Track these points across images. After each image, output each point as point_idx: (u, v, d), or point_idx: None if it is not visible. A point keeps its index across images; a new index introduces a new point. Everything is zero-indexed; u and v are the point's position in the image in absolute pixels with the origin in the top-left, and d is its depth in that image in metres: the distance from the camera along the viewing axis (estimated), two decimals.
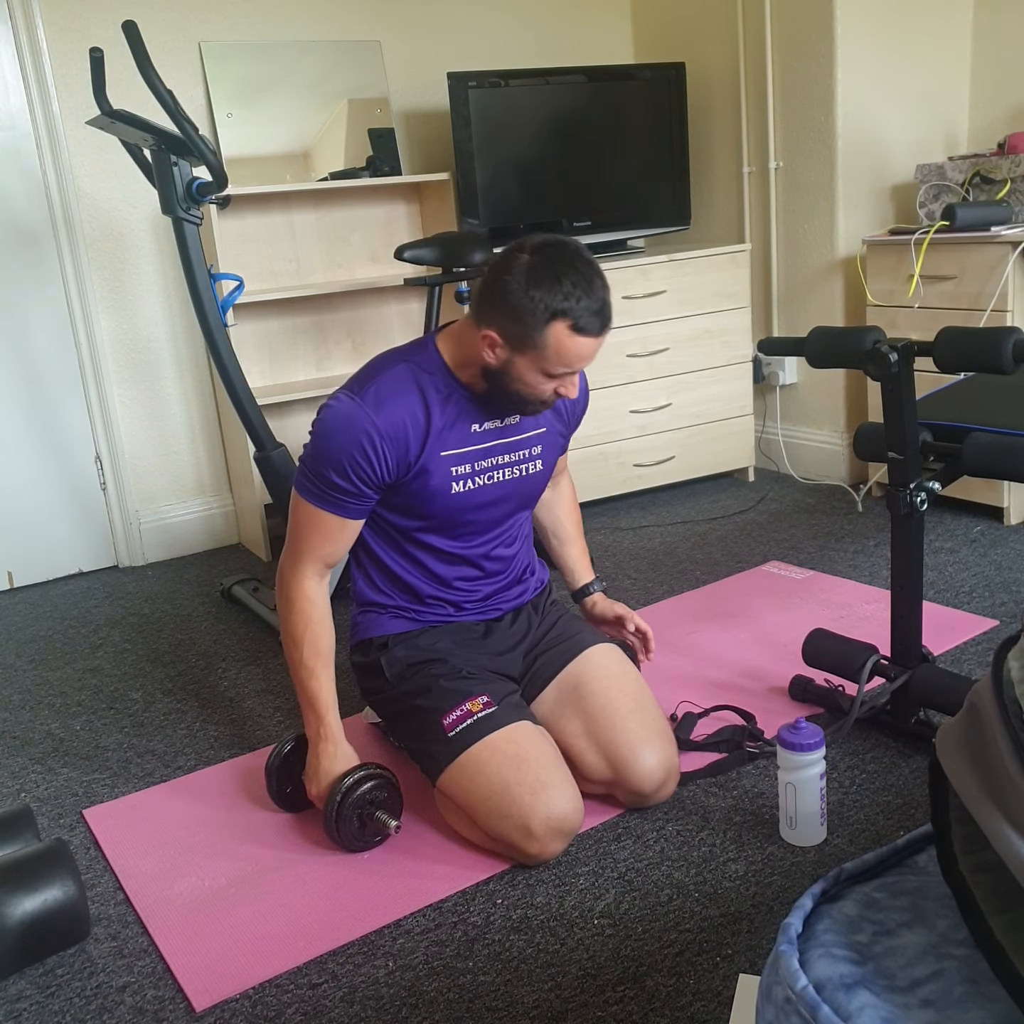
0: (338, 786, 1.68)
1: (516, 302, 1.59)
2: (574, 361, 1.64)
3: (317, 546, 1.75)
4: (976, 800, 0.81)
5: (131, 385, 3.26)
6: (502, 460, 1.82)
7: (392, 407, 1.69)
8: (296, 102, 3.29)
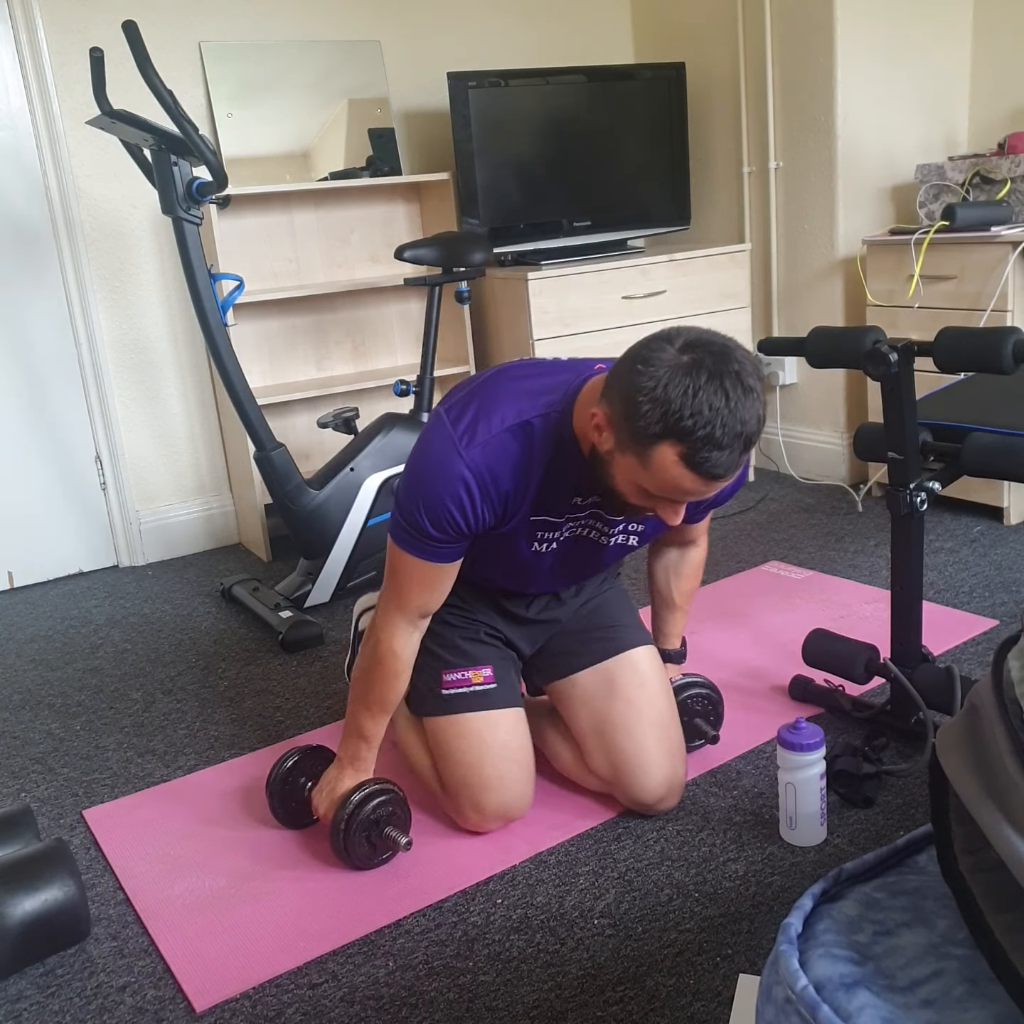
0: (345, 804, 1.63)
1: (636, 399, 1.30)
2: (676, 493, 1.37)
3: (415, 594, 1.60)
4: (976, 800, 0.81)
5: (131, 385, 3.26)
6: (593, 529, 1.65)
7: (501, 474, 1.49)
8: (296, 102, 3.29)
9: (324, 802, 1.70)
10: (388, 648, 1.63)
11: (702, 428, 1.28)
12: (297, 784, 1.77)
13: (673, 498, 1.39)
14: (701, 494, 1.37)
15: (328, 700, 2.29)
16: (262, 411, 2.72)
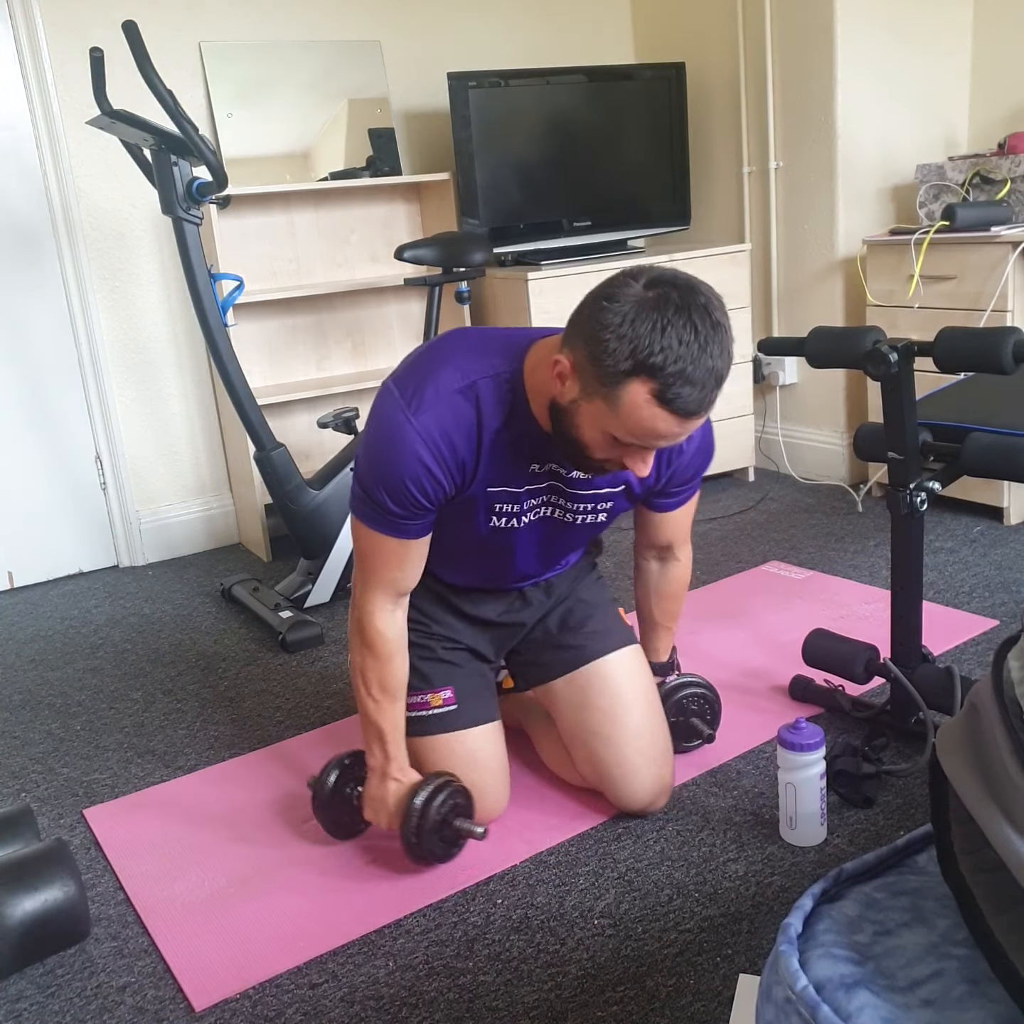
0: (409, 814, 1.58)
1: (602, 336, 1.27)
2: (646, 436, 1.31)
3: (383, 571, 1.56)
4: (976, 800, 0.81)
5: (131, 385, 3.26)
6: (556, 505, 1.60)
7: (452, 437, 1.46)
8: (296, 102, 3.29)
9: (382, 816, 1.64)
10: (374, 630, 1.59)
11: (672, 363, 1.24)
12: (343, 795, 1.70)
13: (643, 443, 1.33)
14: (674, 436, 1.32)
15: (328, 700, 2.29)
16: (262, 411, 2.72)
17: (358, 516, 1.54)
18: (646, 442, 1.33)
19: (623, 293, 1.27)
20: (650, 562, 1.86)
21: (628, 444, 1.35)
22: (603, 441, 1.36)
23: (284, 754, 2.08)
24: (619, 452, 1.38)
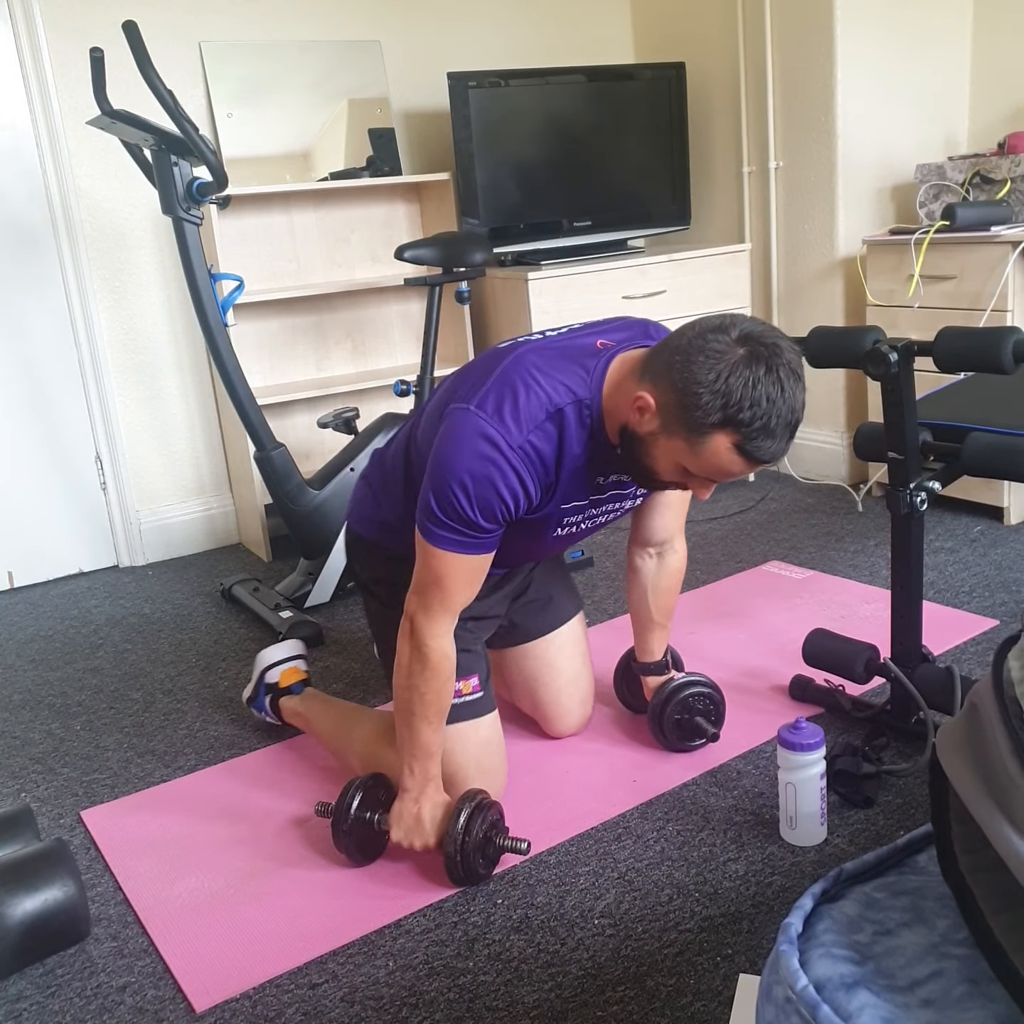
0: (453, 838, 1.57)
1: (694, 390, 1.37)
2: (720, 475, 1.45)
3: (461, 593, 1.60)
4: (976, 800, 0.81)
5: (131, 385, 3.26)
6: (610, 507, 1.74)
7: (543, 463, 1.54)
8: (296, 102, 3.29)
9: (415, 838, 1.63)
10: (441, 654, 1.61)
11: (759, 419, 1.36)
12: (364, 819, 1.66)
13: (714, 479, 1.47)
14: (743, 475, 1.46)
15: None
16: (262, 411, 2.72)
17: (434, 543, 1.56)
18: (716, 479, 1.47)
19: (717, 350, 1.37)
20: (646, 560, 1.94)
21: (698, 476, 1.48)
22: (675, 471, 1.49)
23: (284, 754, 2.08)
24: (687, 480, 1.51)
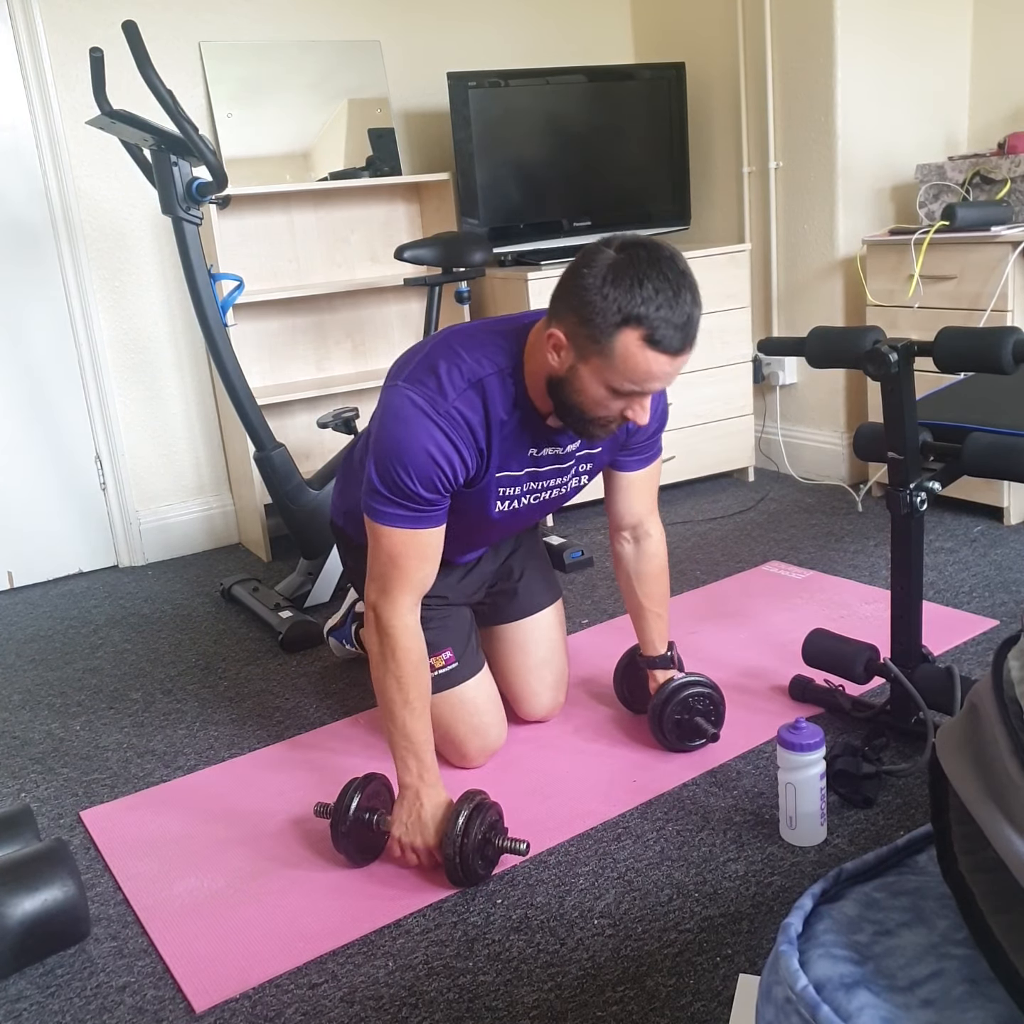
0: (452, 840, 1.56)
1: (588, 299, 1.44)
2: (643, 379, 1.48)
3: (415, 570, 1.64)
4: (976, 800, 0.81)
5: (131, 385, 3.26)
6: (551, 483, 1.77)
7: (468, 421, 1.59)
8: (296, 102, 3.29)
9: (418, 836, 1.62)
10: (408, 637, 1.65)
11: (656, 308, 1.43)
12: (363, 820, 1.66)
13: (640, 388, 1.50)
14: (666, 376, 1.48)
15: (328, 700, 2.29)
16: (262, 411, 2.72)
17: (384, 521, 1.62)
18: (643, 386, 1.50)
19: (598, 260, 1.46)
20: (624, 546, 1.98)
21: (627, 393, 1.51)
22: (604, 396, 1.52)
23: (284, 754, 2.08)
24: (619, 405, 1.54)
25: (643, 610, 1.99)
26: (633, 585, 1.98)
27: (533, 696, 2.06)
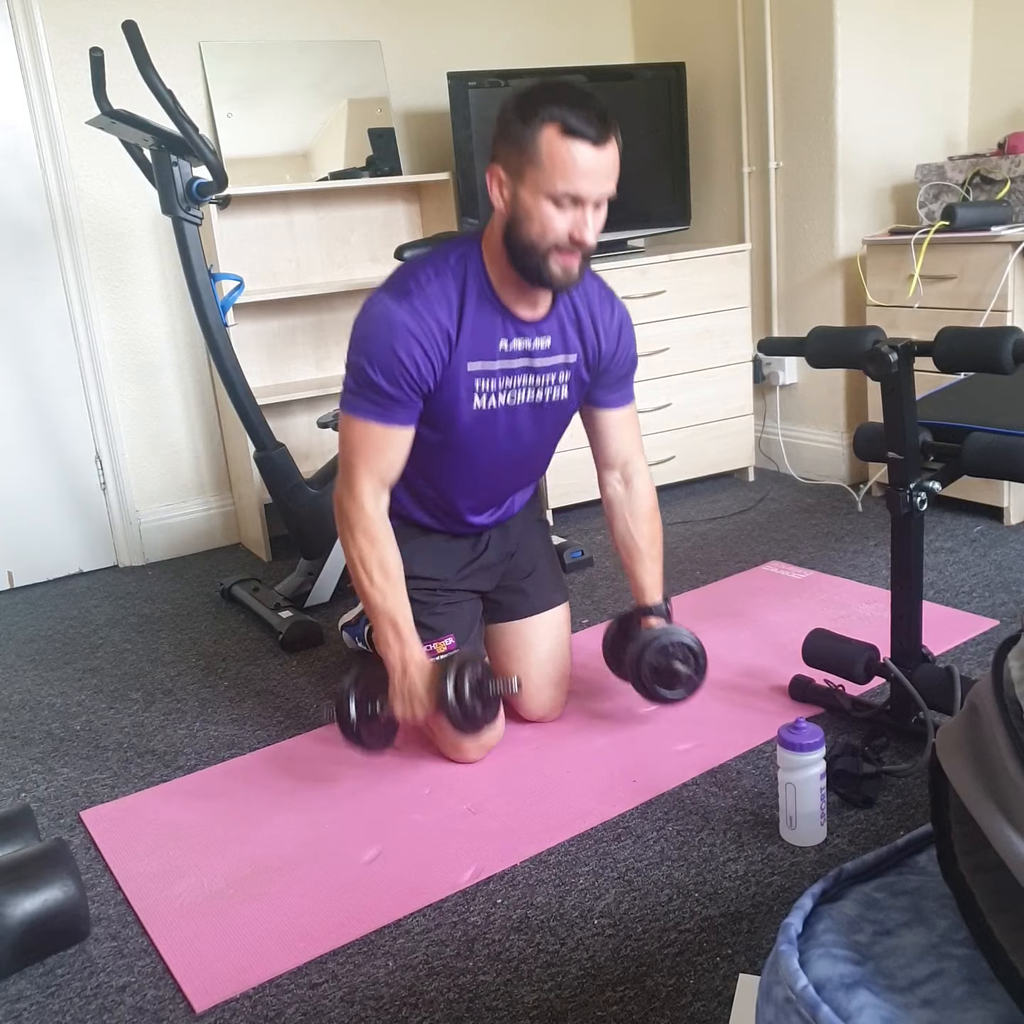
0: (443, 689, 1.69)
1: (508, 121, 1.63)
2: (571, 172, 1.60)
3: (371, 458, 1.75)
4: (976, 800, 0.81)
5: (131, 385, 3.26)
6: (526, 381, 1.83)
7: (431, 306, 1.70)
8: (296, 102, 3.29)
9: (416, 705, 1.75)
10: (364, 516, 1.76)
11: (567, 105, 1.59)
12: (367, 713, 1.77)
13: (574, 187, 1.61)
14: (595, 171, 1.61)
15: (328, 700, 2.29)
16: (262, 411, 2.72)
17: (350, 411, 1.75)
18: (575, 184, 1.61)
19: (511, 96, 1.64)
20: (616, 488, 2.04)
21: (562, 196, 1.62)
22: (547, 213, 1.63)
23: (284, 754, 2.08)
24: (563, 224, 1.65)
25: (639, 553, 2.02)
26: (629, 526, 2.02)
27: (535, 693, 2.06)
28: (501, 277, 1.75)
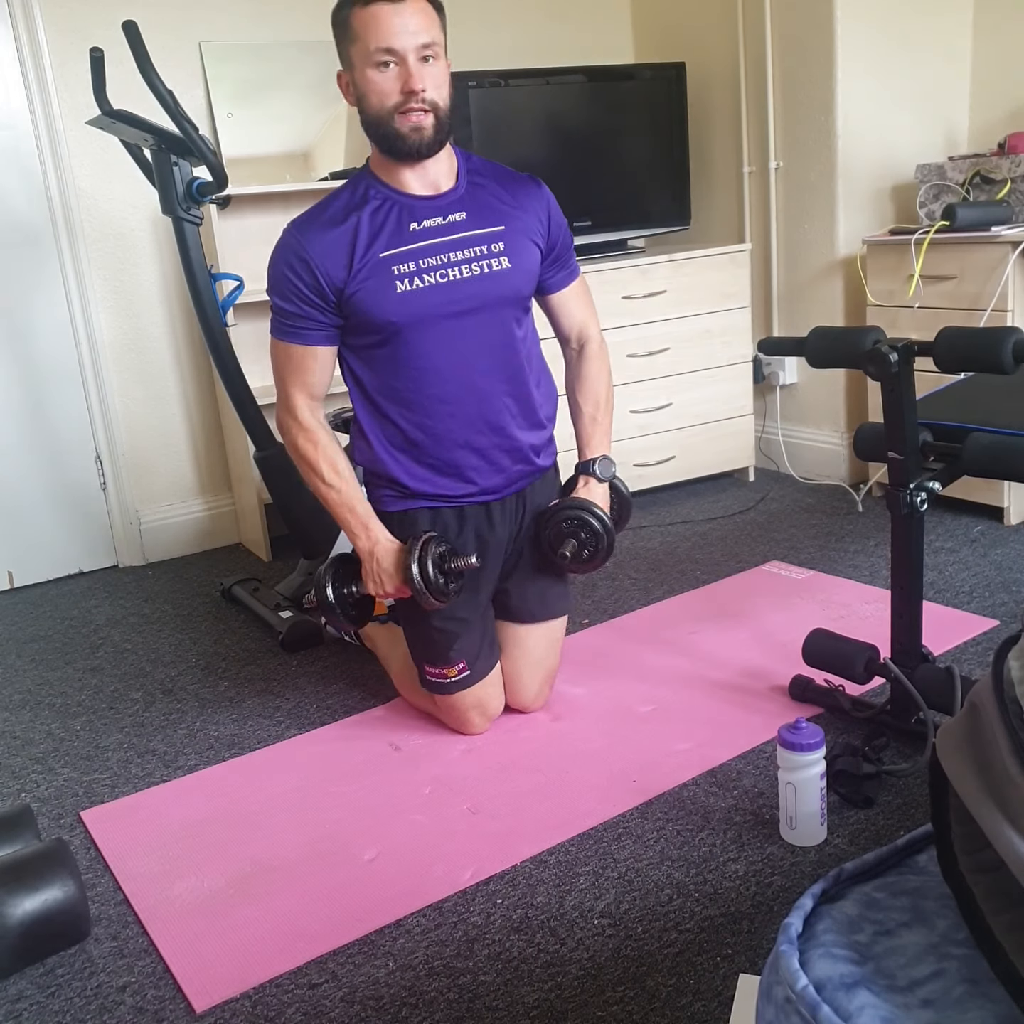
0: (408, 566, 1.82)
1: (333, 25, 1.80)
2: (377, 31, 1.72)
3: (295, 376, 1.89)
4: (976, 800, 0.81)
5: (131, 385, 3.26)
6: (454, 257, 1.86)
7: (317, 224, 1.83)
8: (296, 102, 3.29)
9: (387, 582, 1.88)
10: (302, 425, 1.90)
11: None
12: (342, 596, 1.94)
13: (387, 43, 1.72)
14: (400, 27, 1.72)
15: (328, 700, 2.29)
16: (262, 411, 2.72)
17: (272, 334, 1.89)
18: (388, 41, 1.72)
19: None
20: (571, 355, 2.12)
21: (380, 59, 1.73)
22: (378, 80, 1.76)
23: (284, 754, 2.08)
24: (395, 83, 1.75)
25: (579, 412, 2.09)
26: (572, 389, 2.11)
27: (523, 688, 2.12)
28: (383, 168, 1.86)
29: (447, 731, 2.09)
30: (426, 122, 1.79)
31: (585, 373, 2.10)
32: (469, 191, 1.90)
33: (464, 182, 1.91)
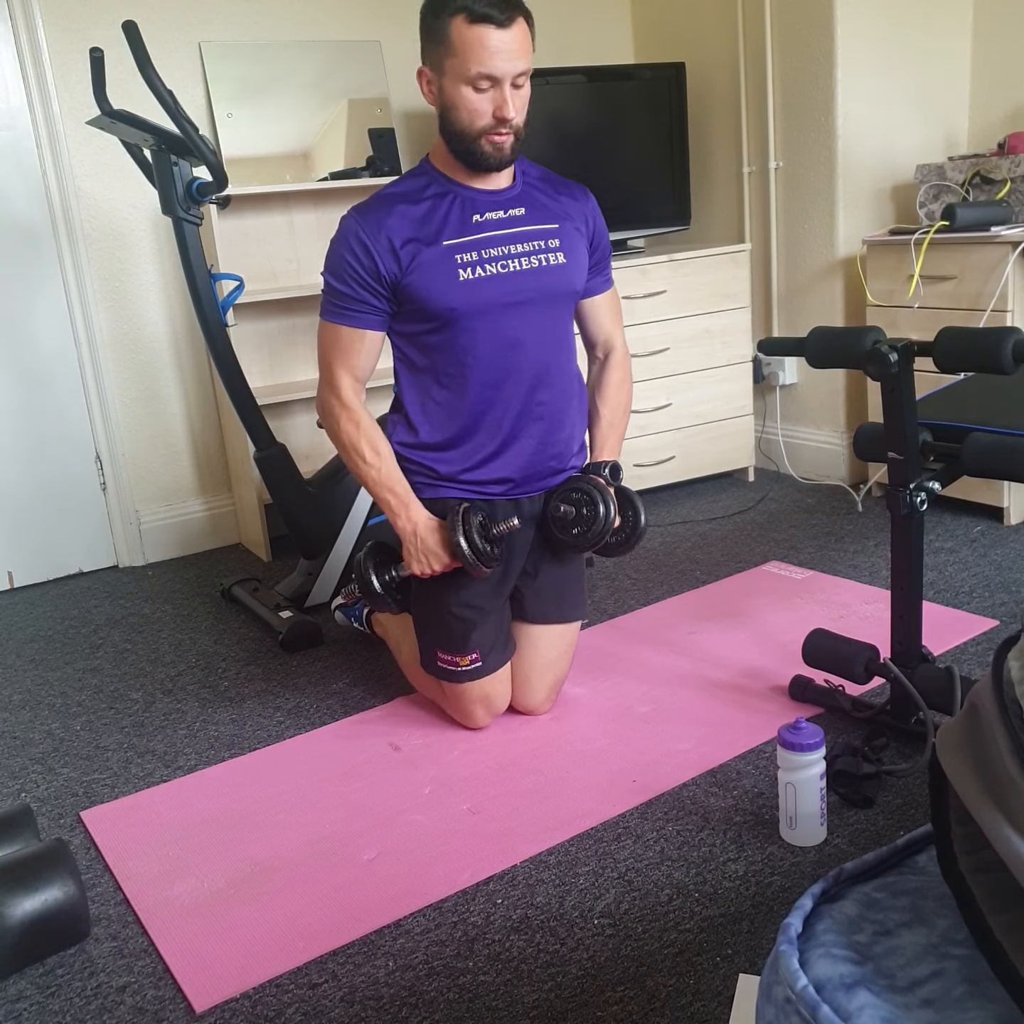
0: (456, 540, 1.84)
1: (425, 22, 1.84)
2: (482, 55, 1.73)
3: (343, 358, 1.91)
4: (976, 800, 0.81)
5: (131, 385, 3.26)
6: (514, 250, 1.91)
7: (379, 211, 1.86)
8: (296, 102, 3.29)
9: (432, 560, 1.90)
10: (345, 406, 1.92)
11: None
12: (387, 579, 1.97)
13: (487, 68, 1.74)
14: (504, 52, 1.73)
15: (328, 700, 2.29)
16: (262, 411, 2.72)
17: (322, 315, 1.92)
18: (487, 65, 1.74)
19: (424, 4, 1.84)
20: (596, 361, 2.17)
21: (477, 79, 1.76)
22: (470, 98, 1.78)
23: (284, 754, 2.08)
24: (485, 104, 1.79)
25: (597, 416, 2.12)
26: (593, 394, 2.13)
27: (531, 691, 2.12)
28: (448, 165, 1.91)
29: (447, 731, 2.10)
30: (508, 143, 1.86)
31: (608, 380, 2.14)
32: (525, 190, 1.99)
33: (520, 182, 2.00)
